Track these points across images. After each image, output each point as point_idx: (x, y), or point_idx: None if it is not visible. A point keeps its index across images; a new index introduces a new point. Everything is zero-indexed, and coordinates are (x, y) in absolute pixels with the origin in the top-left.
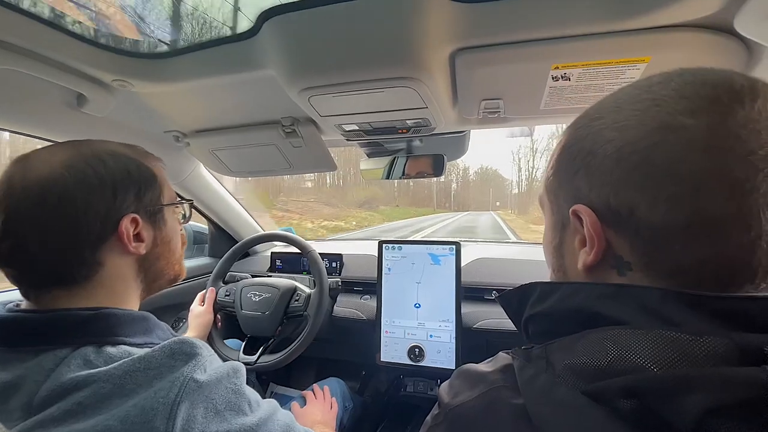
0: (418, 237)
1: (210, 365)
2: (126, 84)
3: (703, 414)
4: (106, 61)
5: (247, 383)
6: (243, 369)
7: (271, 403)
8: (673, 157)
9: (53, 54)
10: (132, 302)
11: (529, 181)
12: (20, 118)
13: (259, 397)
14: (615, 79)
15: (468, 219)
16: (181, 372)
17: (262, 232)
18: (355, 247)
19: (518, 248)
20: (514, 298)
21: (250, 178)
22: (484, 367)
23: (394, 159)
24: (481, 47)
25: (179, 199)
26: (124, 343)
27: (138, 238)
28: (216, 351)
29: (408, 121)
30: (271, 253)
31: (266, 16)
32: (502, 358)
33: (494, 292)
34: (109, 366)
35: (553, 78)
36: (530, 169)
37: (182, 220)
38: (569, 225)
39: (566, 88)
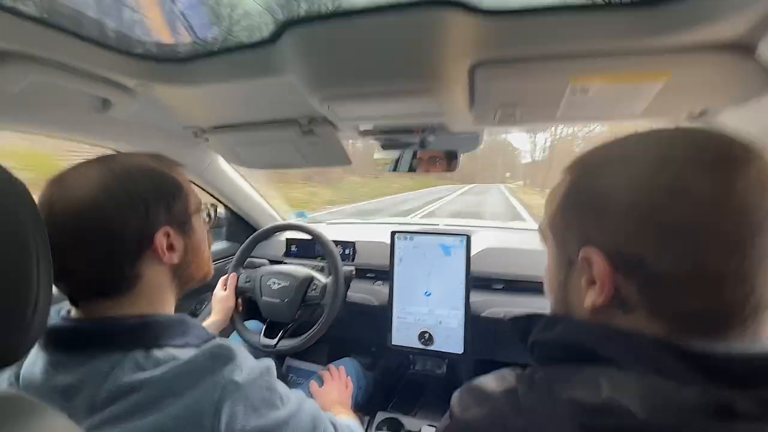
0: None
1: (246, 366)
2: (149, 87)
3: None
4: (129, 67)
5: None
6: (273, 366)
7: (298, 395)
8: (681, 216)
9: (78, 63)
10: (169, 306)
11: (544, 149)
12: (48, 123)
13: (287, 390)
14: (634, 92)
15: (469, 201)
16: (222, 375)
17: (280, 222)
18: (367, 233)
19: (529, 236)
20: (523, 323)
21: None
22: (491, 385)
23: (408, 153)
24: (500, 61)
25: (204, 203)
26: (168, 345)
27: (171, 248)
28: (238, 332)
29: (423, 124)
30: (286, 239)
31: (286, 25)
32: (507, 379)
33: (501, 283)
34: (159, 370)
35: (571, 91)
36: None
37: (207, 221)
38: (576, 264)
39: (584, 100)
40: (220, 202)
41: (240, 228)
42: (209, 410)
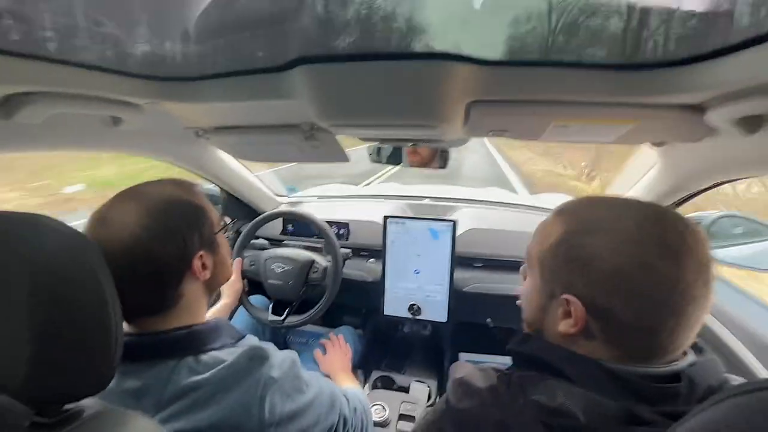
0: None
1: (277, 362)
2: (157, 104)
3: None
4: (140, 88)
5: None
6: (297, 358)
7: (316, 377)
8: (645, 286)
9: (94, 91)
10: (204, 313)
11: None
12: (65, 142)
13: (308, 376)
14: (607, 131)
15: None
16: (261, 372)
17: (281, 209)
18: (359, 212)
19: (510, 214)
20: (504, 333)
21: None
22: (477, 381)
23: (400, 148)
24: (492, 101)
25: (221, 218)
26: (212, 350)
27: (204, 267)
28: (248, 312)
29: (420, 139)
30: (283, 219)
31: (300, 60)
32: (491, 376)
33: (481, 262)
34: (210, 372)
35: (553, 126)
36: None
37: (226, 232)
38: (557, 298)
39: (565, 131)
40: (218, 186)
41: (236, 206)
42: (255, 402)
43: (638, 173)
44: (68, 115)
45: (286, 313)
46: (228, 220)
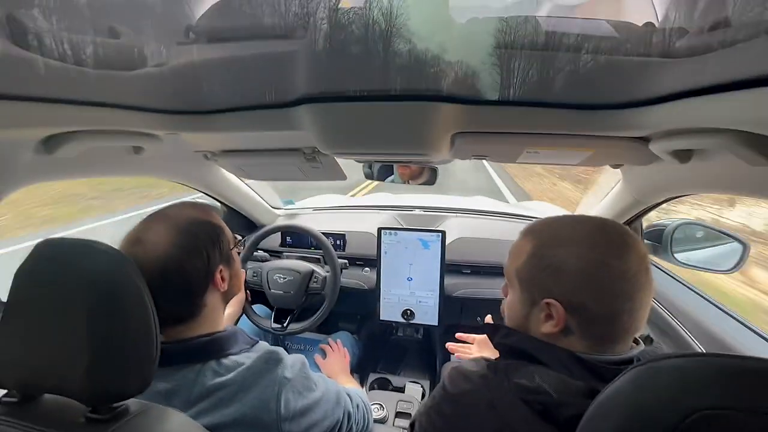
0: None
1: (289, 363)
2: (176, 135)
3: (569, 417)
4: (161, 122)
5: None
6: (306, 360)
7: (322, 377)
8: (606, 281)
9: (120, 127)
10: (222, 320)
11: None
12: (93, 171)
13: (315, 375)
14: (572, 156)
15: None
16: (276, 373)
17: (282, 223)
18: (354, 223)
19: (498, 223)
20: (492, 328)
21: None
22: (471, 369)
23: (390, 165)
24: (474, 133)
25: (234, 236)
26: (231, 354)
27: (223, 279)
28: (251, 320)
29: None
30: (281, 232)
31: (305, 99)
32: (481, 364)
33: (469, 269)
34: (231, 374)
35: (526, 152)
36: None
37: (238, 248)
38: (538, 305)
39: (536, 156)
40: (219, 201)
41: (235, 220)
42: (273, 399)
43: (603, 193)
44: (98, 147)
45: (287, 320)
46: (239, 237)
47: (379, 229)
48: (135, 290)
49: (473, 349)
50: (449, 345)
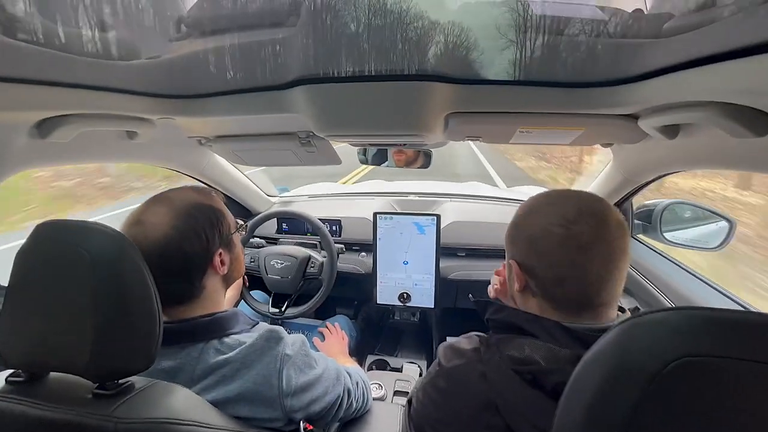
0: None
1: (290, 341)
2: (169, 119)
3: (555, 383)
4: (155, 106)
5: None
6: (306, 339)
7: (325, 357)
8: (548, 246)
9: (114, 111)
10: (222, 302)
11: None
12: (86, 156)
13: (315, 353)
14: (563, 135)
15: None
16: (278, 350)
17: (279, 209)
18: (350, 210)
19: (491, 207)
20: (482, 304)
21: None
22: (464, 344)
23: (385, 150)
24: (468, 113)
25: (236, 220)
26: (233, 333)
27: (222, 263)
28: (248, 304)
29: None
30: (278, 218)
31: (301, 81)
32: (474, 340)
33: (464, 251)
34: (233, 352)
35: (519, 131)
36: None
37: (240, 233)
38: (511, 267)
39: (529, 135)
40: (216, 189)
41: (231, 207)
42: (274, 374)
43: (597, 173)
44: (91, 131)
45: (285, 305)
46: (241, 222)
47: (375, 214)
48: (136, 269)
49: None
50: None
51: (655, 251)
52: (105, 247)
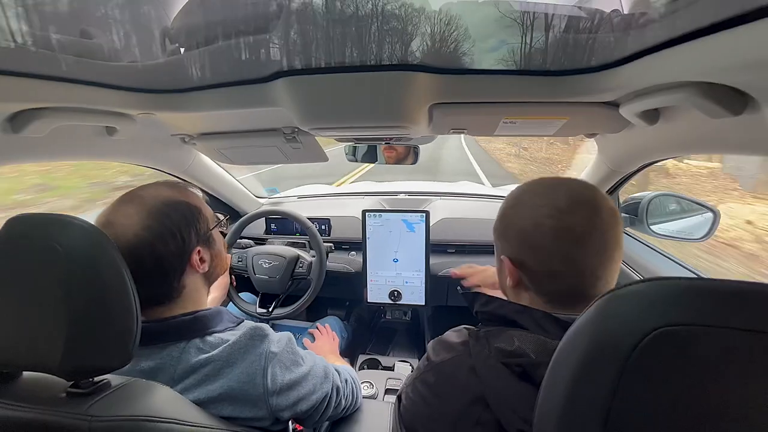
0: None
1: (276, 339)
2: (150, 115)
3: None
4: (135, 100)
5: None
6: (293, 336)
7: (312, 354)
8: (540, 239)
9: (92, 105)
10: (205, 301)
11: None
12: (63, 153)
13: (303, 351)
14: (547, 125)
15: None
16: (263, 348)
17: (265, 208)
18: (339, 209)
19: (479, 203)
20: (470, 297)
21: None
22: (453, 338)
23: (374, 147)
24: (452, 104)
25: (215, 215)
26: (216, 332)
27: (202, 261)
28: (235, 304)
29: (391, 137)
30: (265, 218)
31: (282, 72)
32: (463, 333)
33: (453, 248)
34: (216, 350)
35: (503, 122)
36: None
37: (221, 228)
38: (502, 262)
39: (513, 126)
40: (201, 189)
41: (218, 208)
42: (259, 373)
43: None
44: (68, 127)
45: (273, 305)
46: (221, 216)
47: (364, 212)
48: (112, 263)
49: (473, 279)
50: (453, 270)
51: (642, 243)
52: (78, 239)
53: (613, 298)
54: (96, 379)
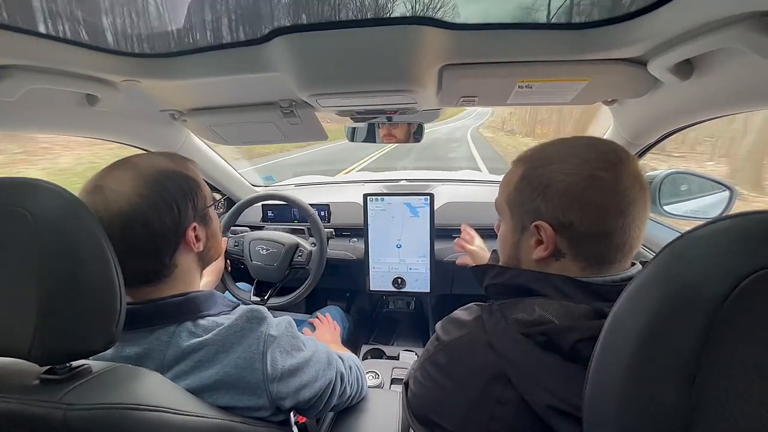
0: None
1: (274, 322)
2: (135, 82)
3: (574, 342)
4: (117, 64)
5: None
6: (293, 320)
7: (314, 340)
8: (594, 196)
9: (69, 67)
10: (197, 283)
11: None
12: (38, 124)
13: (304, 336)
14: (565, 90)
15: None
16: (261, 331)
17: (263, 192)
18: (339, 195)
19: (482, 188)
20: (480, 271)
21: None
22: (463, 316)
23: (376, 125)
24: (463, 65)
25: (213, 194)
26: (208, 315)
27: (197, 239)
28: (229, 291)
29: (396, 108)
30: (262, 204)
31: (278, 31)
32: (474, 309)
33: (458, 232)
34: (210, 334)
35: (518, 86)
36: None
37: (217, 209)
38: (528, 230)
39: (529, 92)
40: None
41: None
42: (258, 357)
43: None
44: (43, 93)
45: (268, 293)
46: (218, 196)
47: (365, 195)
48: (91, 234)
49: (476, 241)
50: (456, 241)
51: (657, 222)
52: (50, 206)
53: (690, 240)
54: (74, 364)
